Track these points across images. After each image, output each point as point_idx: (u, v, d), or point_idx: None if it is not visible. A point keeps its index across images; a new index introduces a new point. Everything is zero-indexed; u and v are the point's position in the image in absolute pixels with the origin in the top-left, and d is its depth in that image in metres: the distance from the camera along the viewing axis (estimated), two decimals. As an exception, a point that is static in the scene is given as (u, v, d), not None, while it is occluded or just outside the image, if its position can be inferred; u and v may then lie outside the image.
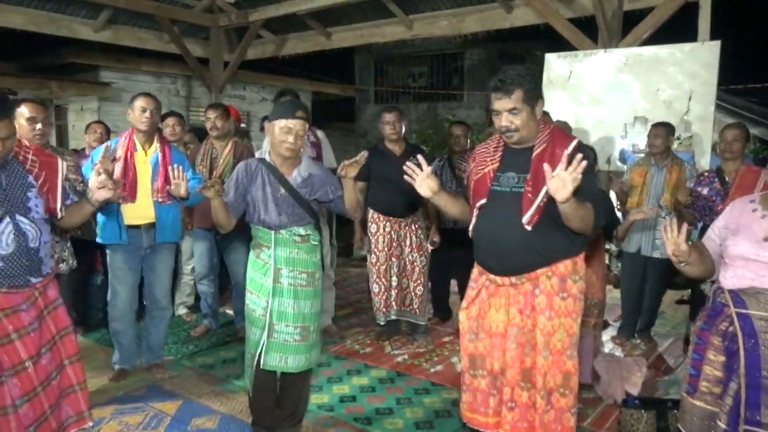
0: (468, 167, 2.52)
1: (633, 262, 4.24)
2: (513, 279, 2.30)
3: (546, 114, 4.00)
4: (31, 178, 2.23)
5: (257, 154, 2.91)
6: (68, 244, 3.62)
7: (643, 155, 4.51)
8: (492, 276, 2.35)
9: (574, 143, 2.17)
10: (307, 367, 2.75)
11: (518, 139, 2.26)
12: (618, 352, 4.14)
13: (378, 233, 4.13)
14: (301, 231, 2.70)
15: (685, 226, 2.02)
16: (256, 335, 2.69)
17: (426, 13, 6.68)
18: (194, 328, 4.51)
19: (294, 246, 2.69)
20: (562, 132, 2.36)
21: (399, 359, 4.02)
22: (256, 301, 2.69)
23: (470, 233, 2.43)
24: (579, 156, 1.98)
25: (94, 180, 2.36)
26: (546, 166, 2.03)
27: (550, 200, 2.12)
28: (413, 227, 4.15)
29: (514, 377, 2.29)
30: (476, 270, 2.48)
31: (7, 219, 2.13)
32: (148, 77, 8.40)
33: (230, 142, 4.18)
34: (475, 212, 2.38)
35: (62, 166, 2.37)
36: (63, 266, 3.54)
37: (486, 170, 2.35)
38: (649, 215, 3.36)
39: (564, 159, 2.00)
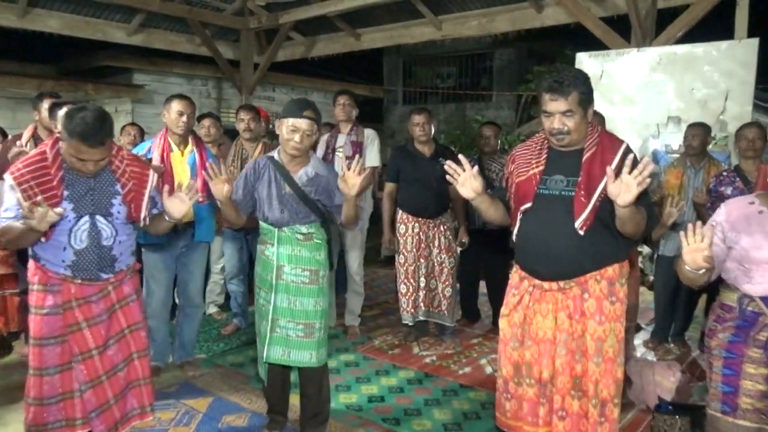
0: (506, 169, 2.46)
1: (669, 266, 4.14)
2: (561, 284, 2.23)
3: (597, 114, 3.90)
4: (118, 186, 2.34)
5: (313, 160, 2.91)
6: None
7: (677, 156, 4.42)
8: (538, 281, 2.29)
9: (623, 147, 2.16)
10: (316, 364, 2.75)
11: (568, 142, 2.20)
12: (651, 356, 4.07)
13: (407, 234, 4.12)
14: (304, 229, 2.72)
15: (710, 232, 1.89)
16: (263, 329, 2.75)
17: (455, 13, 6.66)
18: (224, 327, 4.58)
19: (296, 244, 2.71)
20: (610, 135, 2.32)
21: (427, 360, 4.01)
22: (263, 296, 2.75)
23: (514, 238, 2.36)
24: (646, 159, 1.96)
25: (167, 198, 2.41)
26: (609, 169, 1.99)
27: (602, 204, 2.10)
28: (442, 228, 4.14)
29: (565, 385, 2.23)
30: (516, 275, 2.41)
31: (87, 217, 2.25)
32: (180, 79, 8.54)
33: (260, 143, 4.23)
34: (520, 216, 2.31)
35: (153, 178, 2.45)
36: None
37: (531, 173, 2.28)
38: (678, 214, 3.29)
39: (627, 163, 1.96)
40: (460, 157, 2.33)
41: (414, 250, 4.10)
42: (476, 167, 2.30)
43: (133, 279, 2.49)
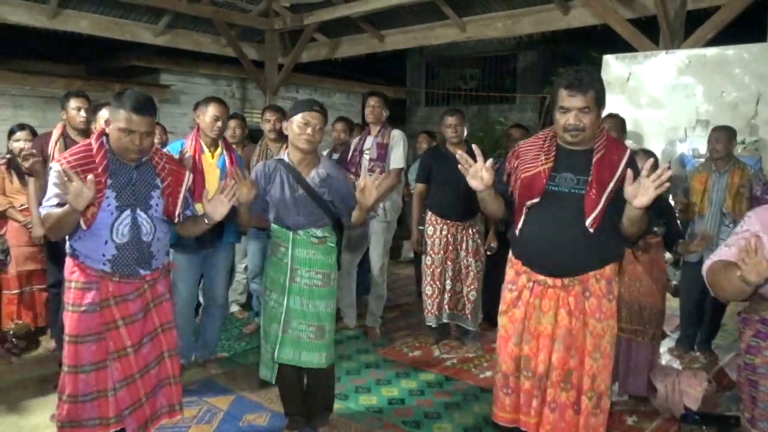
0: (508, 164, 2.47)
1: (694, 272, 4.06)
2: (565, 281, 2.31)
3: (616, 117, 3.89)
4: (158, 181, 2.41)
5: (323, 161, 2.92)
6: None
7: (703, 160, 4.34)
8: (541, 277, 2.35)
9: (628, 152, 2.28)
10: (324, 365, 2.80)
11: (581, 139, 2.25)
12: (676, 365, 4.00)
13: (435, 235, 4.11)
14: (319, 233, 2.75)
15: (756, 242, 1.77)
16: (274, 331, 2.76)
17: (480, 15, 6.62)
18: (246, 326, 4.61)
19: (311, 247, 2.74)
20: (615, 139, 2.44)
21: (448, 363, 3.99)
22: (275, 298, 2.76)
23: (517, 232, 2.40)
24: (665, 165, 2.06)
25: (207, 201, 2.44)
26: (629, 172, 2.10)
27: (610, 204, 2.20)
28: (471, 231, 4.10)
29: (557, 379, 2.32)
30: (512, 271, 2.46)
31: (128, 211, 2.30)
32: (205, 80, 8.64)
33: (285, 144, 4.24)
34: (525, 211, 2.35)
35: (188, 178, 2.52)
36: None
37: (539, 169, 2.32)
38: (707, 244, 3.32)
39: (647, 167, 2.05)
40: (474, 147, 2.38)
41: (441, 252, 4.08)
42: (490, 160, 2.33)
43: (166, 278, 2.53)
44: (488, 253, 4.19)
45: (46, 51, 7.95)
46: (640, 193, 2.05)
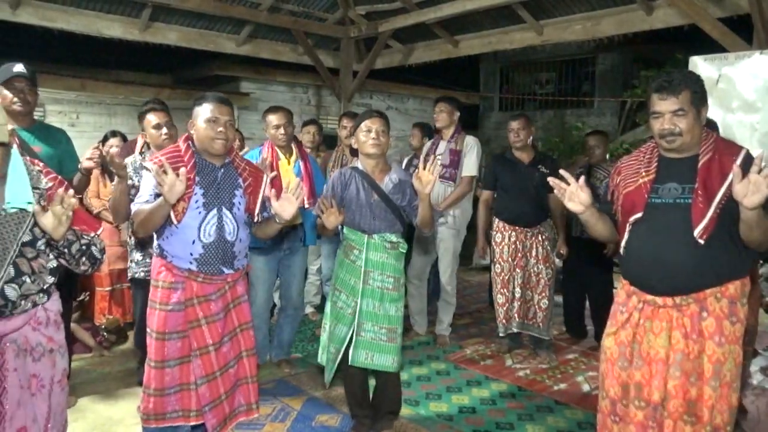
0: (611, 182, 2.37)
1: (790, 286, 3.80)
2: (677, 299, 2.11)
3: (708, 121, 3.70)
4: (240, 180, 2.54)
5: (395, 167, 2.99)
6: None
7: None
8: (649, 296, 2.17)
9: (743, 152, 2.04)
10: (396, 369, 2.86)
11: (680, 145, 2.09)
12: (769, 385, 3.73)
13: (503, 243, 4.04)
14: (393, 238, 2.83)
15: None
16: (342, 332, 2.81)
17: (558, 17, 6.45)
18: (319, 327, 4.68)
19: (384, 251, 2.81)
20: (727, 141, 2.19)
21: (520, 373, 3.91)
22: (344, 300, 2.82)
23: (621, 251, 2.27)
24: None
25: (275, 200, 2.51)
26: (736, 167, 1.87)
27: (723, 211, 1.99)
28: (540, 237, 4.02)
29: (678, 409, 2.10)
30: (623, 292, 2.29)
31: (214, 211, 2.43)
32: (283, 87, 8.88)
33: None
34: (629, 227, 2.21)
35: (266, 179, 2.63)
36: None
37: (640, 182, 2.18)
38: None
39: (757, 162, 1.84)
40: (562, 171, 2.26)
41: (510, 259, 4.02)
42: (582, 178, 2.21)
43: (244, 280, 2.64)
44: (558, 260, 4.07)
45: (137, 62, 8.43)
46: (750, 191, 1.82)
